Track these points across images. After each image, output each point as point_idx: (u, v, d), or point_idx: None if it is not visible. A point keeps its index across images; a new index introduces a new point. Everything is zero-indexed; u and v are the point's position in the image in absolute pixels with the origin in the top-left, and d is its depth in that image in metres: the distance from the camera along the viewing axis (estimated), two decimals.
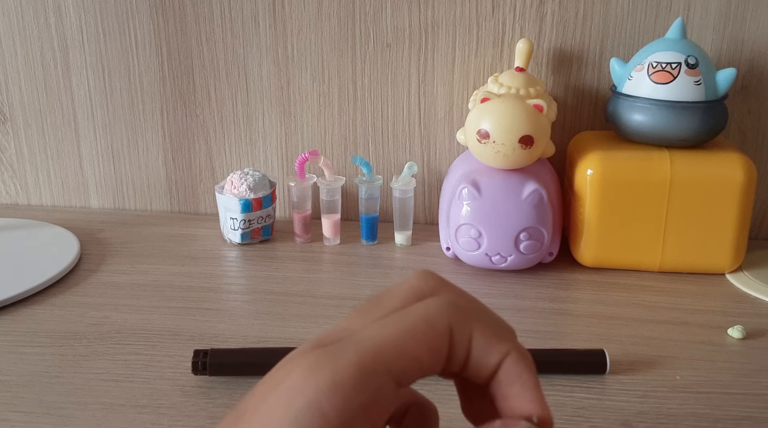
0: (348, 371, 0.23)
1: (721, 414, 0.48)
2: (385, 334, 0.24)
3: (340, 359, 0.23)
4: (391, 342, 0.24)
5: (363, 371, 0.23)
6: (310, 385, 0.23)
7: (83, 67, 0.80)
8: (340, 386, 0.23)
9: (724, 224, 0.65)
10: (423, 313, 0.25)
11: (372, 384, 0.23)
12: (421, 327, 0.25)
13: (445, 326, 0.25)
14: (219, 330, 0.58)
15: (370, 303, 0.27)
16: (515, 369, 0.26)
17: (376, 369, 0.23)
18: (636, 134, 0.67)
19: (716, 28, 0.71)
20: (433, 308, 0.25)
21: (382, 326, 0.25)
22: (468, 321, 0.25)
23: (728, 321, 0.60)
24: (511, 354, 0.26)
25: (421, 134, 0.79)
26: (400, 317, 0.25)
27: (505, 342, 0.26)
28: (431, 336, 0.25)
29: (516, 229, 0.64)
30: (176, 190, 0.84)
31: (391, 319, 0.25)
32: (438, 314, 0.25)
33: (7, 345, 0.56)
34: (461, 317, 0.25)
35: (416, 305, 0.26)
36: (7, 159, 0.85)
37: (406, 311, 0.25)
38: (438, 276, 0.28)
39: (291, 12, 0.76)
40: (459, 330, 0.25)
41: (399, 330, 0.24)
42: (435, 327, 0.25)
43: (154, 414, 0.48)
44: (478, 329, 0.26)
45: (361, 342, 0.24)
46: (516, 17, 0.73)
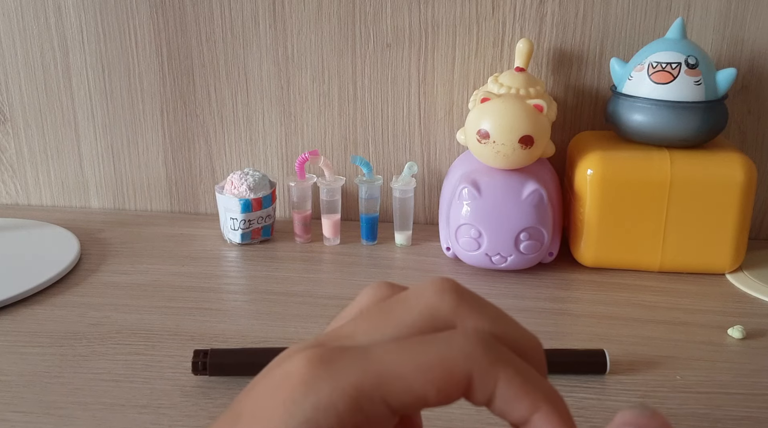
0: (345, 391, 0.22)
1: (721, 414, 0.48)
2: (393, 363, 0.22)
3: (341, 377, 0.22)
4: (397, 374, 0.22)
5: (360, 395, 0.22)
6: (309, 401, 0.22)
7: (83, 67, 0.80)
8: (335, 406, 0.22)
9: (724, 224, 0.65)
10: (445, 351, 0.23)
11: (366, 410, 0.22)
12: (436, 369, 0.22)
13: (463, 372, 0.22)
14: (219, 330, 0.58)
15: (381, 311, 0.25)
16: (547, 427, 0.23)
17: (374, 396, 0.22)
18: (636, 134, 0.67)
19: (716, 28, 0.71)
20: (456, 348, 0.23)
21: (392, 352, 0.23)
22: (492, 369, 0.23)
23: (728, 320, 0.60)
24: (542, 409, 0.23)
25: (421, 134, 0.79)
26: (415, 348, 0.23)
27: (534, 392, 0.23)
28: (445, 379, 0.22)
29: (516, 229, 0.64)
30: (176, 190, 0.84)
31: (404, 347, 0.23)
32: (459, 356, 0.23)
33: (7, 345, 0.56)
34: (486, 364, 0.23)
35: (436, 338, 0.23)
36: (7, 159, 0.85)
37: (423, 342, 0.23)
38: (457, 291, 0.25)
39: (291, 12, 0.76)
40: (481, 377, 0.23)
41: (410, 364, 0.22)
42: (451, 372, 0.22)
43: (154, 414, 0.48)
44: (504, 379, 0.23)
45: (366, 363, 0.23)
46: (516, 17, 0.73)
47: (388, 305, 0.25)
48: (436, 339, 0.23)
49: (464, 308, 0.25)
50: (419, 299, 0.25)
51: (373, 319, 0.25)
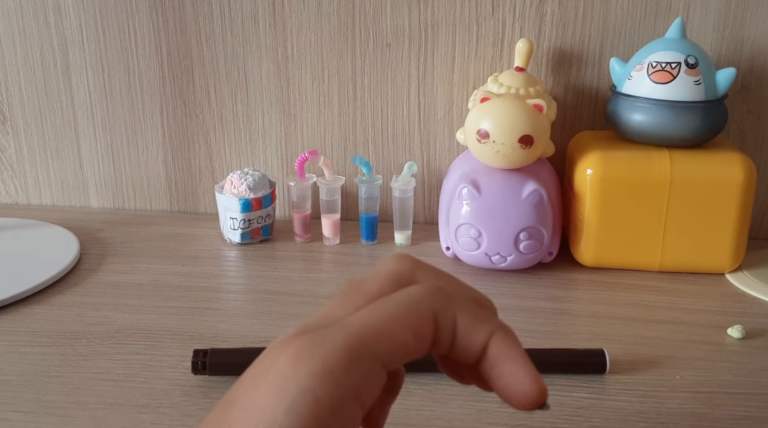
0: (336, 355, 0.23)
1: (721, 414, 0.48)
2: (371, 320, 0.25)
3: (328, 344, 0.24)
4: (377, 328, 0.25)
5: (351, 355, 0.23)
6: (300, 371, 0.23)
7: (83, 67, 0.80)
8: (330, 370, 0.23)
9: (724, 224, 0.65)
10: (407, 299, 0.26)
11: (360, 368, 0.24)
12: (405, 313, 0.25)
13: (429, 311, 0.25)
14: (219, 330, 0.58)
15: (350, 289, 0.27)
16: (503, 347, 0.26)
17: (363, 353, 0.24)
18: (636, 134, 0.67)
19: (716, 28, 0.71)
20: (416, 294, 0.26)
21: (367, 312, 0.25)
22: (451, 305, 0.26)
23: (728, 320, 0.60)
24: (497, 333, 0.26)
25: (421, 133, 0.79)
26: (384, 303, 0.26)
27: (488, 321, 0.26)
28: (416, 321, 0.25)
29: (516, 229, 0.64)
30: (176, 190, 0.84)
31: (376, 305, 0.26)
32: (422, 299, 0.26)
33: (7, 345, 0.56)
34: (445, 301, 0.26)
35: (399, 292, 0.26)
36: (7, 159, 0.85)
37: (390, 297, 0.26)
38: (414, 258, 0.29)
39: (291, 12, 0.76)
40: (443, 314, 0.26)
41: (384, 316, 0.25)
42: (419, 313, 0.25)
43: (154, 414, 0.48)
44: (462, 311, 0.26)
45: (347, 328, 0.24)
46: (516, 17, 0.73)
47: (356, 282, 0.28)
48: (400, 293, 0.26)
49: (422, 270, 0.28)
50: (381, 269, 0.28)
51: (345, 295, 0.27)
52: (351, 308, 0.26)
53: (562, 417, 0.47)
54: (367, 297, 0.27)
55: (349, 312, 0.26)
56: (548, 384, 0.51)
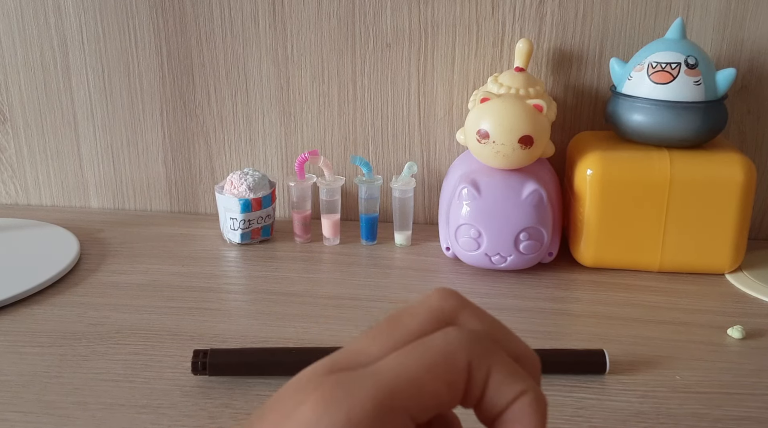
0: (364, 409, 0.22)
1: (721, 414, 0.48)
2: (403, 368, 0.23)
3: (356, 395, 0.22)
4: (410, 378, 0.23)
5: (380, 409, 0.22)
6: (323, 422, 0.22)
7: (83, 68, 0.80)
8: (355, 426, 0.22)
9: (723, 224, 0.65)
10: (443, 345, 0.24)
11: (387, 424, 0.22)
12: (440, 362, 0.23)
13: (464, 360, 0.24)
14: (219, 330, 0.58)
15: (389, 323, 0.26)
16: (525, 410, 0.24)
17: (394, 406, 0.22)
18: (636, 134, 0.67)
19: (716, 29, 0.71)
20: (453, 341, 0.24)
21: (400, 358, 0.24)
22: (488, 356, 0.24)
23: (728, 321, 0.60)
24: (527, 395, 0.24)
25: (421, 134, 0.79)
26: (419, 348, 0.24)
27: (522, 380, 0.24)
28: (450, 371, 0.23)
29: (516, 229, 0.64)
30: (176, 190, 0.84)
31: (410, 350, 0.24)
32: (458, 347, 0.24)
33: (7, 345, 0.56)
34: (481, 351, 0.24)
35: (436, 336, 0.24)
36: (7, 159, 0.85)
37: (425, 342, 0.24)
38: (459, 295, 0.27)
39: (291, 12, 0.76)
40: (477, 365, 0.24)
41: (417, 365, 0.23)
42: (454, 362, 0.24)
43: (154, 414, 0.48)
44: (497, 365, 0.24)
45: (378, 376, 0.23)
46: (516, 17, 0.73)
47: (396, 315, 0.26)
48: (436, 337, 0.24)
49: (467, 311, 0.26)
50: (423, 305, 0.26)
51: (383, 330, 0.25)
52: (386, 346, 0.24)
53: (562, 417, 0.47)
54: (404, 334, 0.25)
55: (383, 351, 0.24)
56: (548, 384, 0.51)
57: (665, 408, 0.48)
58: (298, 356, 0.51)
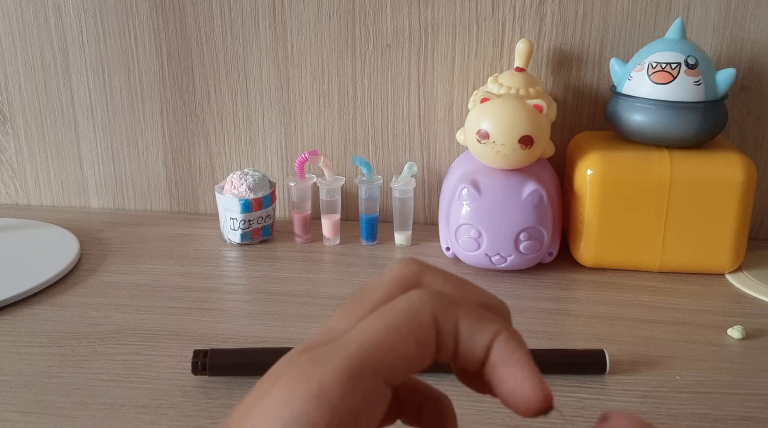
0: (334, 376, 0.22)
1: (721, 414, 0.48)
2: (370, 333, 0.24)
3: (326, 365, 0.23)
4: (377, 341, 0.23)
5: (350, 375, 0.23)
6: (296, 395, 0.22)
7: (83, 68, 0.80)
8: (327, 393, 0.22)
9: (724, 224, 0.65)
10: (406, 306, 0.24)
11: (361, 387, 0.23)
12: (405, 321, 0.24)
13: (429, 316, 0.24)
14: (219, 330, 0.58)
15: (354, 298, 0.26)
16: (506, 349, 0.24)
17: (364, 370, 0.23)
18: (636, 134, 0.67)
19: (716, 29, 0.71)
20: (415, 300, 0.25)
21: (366, 325, 0.24)
22: (452, 308, 0.25)
23: (728, 321, 0.60)
24: (501, 335, 0.25)
25: (421, 134, 0.79)
26: (384, 313, 0.24)
27: (492, 323, 0.25)
28: (416, 328, 0.24)
29: (516, 229, 0.64)
30: (176, 190, 0.84)
31: (375, 316, 0.24)
32: (421, 304, 0.24)
33: (7, 345, 0.56)
34: (445, 305, 0.25)
35: (399, 299, 0.25)
36: (7, 159, 0.85)
37: (389, 306, 0.25)
38: (419, 261, 0.27)
39: (291, 12, 0.76)
40: (443, 318, 0.24)
41: (383, 327, 0.24)
42: (419, 319, 0.24)
43: (154, 414, 0.48)
44: (464, 314, 0.25)
45: (347, 345, 0.23)
46: (516, 17, 0.73)
47: (360, 290, 0.27)
48: (399, 300, 0.25)
49: (428, 274, 0.27)
50: (385, 276, 0.27)
51: (349, 305, 0.26)
52: (355, 318, 0.25)
53: (562, 417, 0.47)
54: (371, 306, 0.25)
55: (352, 324, 0.25)
56: (548, 384, 0.51)
57: (665, 408, 0.48)
58: None
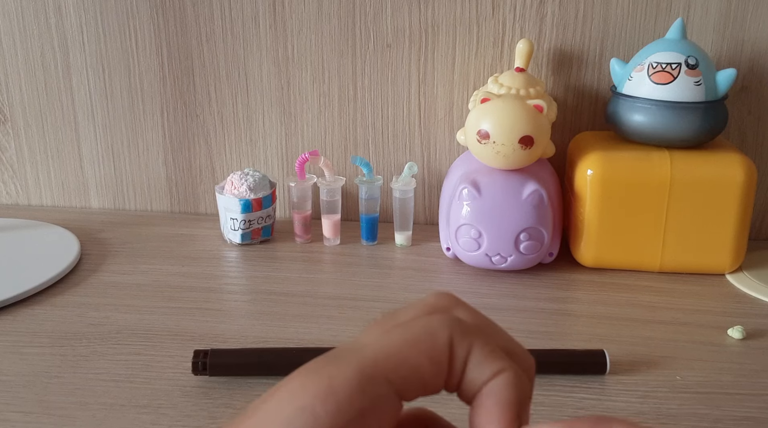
0: (345, 377, 0.23)
1: (721, 415, 0.48)
2: (386, 343, 0.24)
3: (340, 365, 0.23)
4: (392, 351, 0.24)
5: (361, 377, 0.23)
6: (305, 389, 0.23)
7: (83, 68, 0.80)
8: (335, 391, 0.23)
9: (724, 225, 0.65)
10: (425, 324, 0.25)
11: (369, 392, 0.23)
12: (422, 337, 0.25)
13: (446, 337, 0.25)
14: (219, 330, 0.58)
15: (385, 317, 0.27)
16: (500, 385, 0.24)
17: (375, 376, 0.23)
18: (636, 135, 0.67)
19: (716, 29, 0.71)
20: (435, 320, 0.25)
21: (385, 336, 0.25)
22: (469, 336, 0.25)
23: (728, 321, 0.60)
24: (506, 372, 0.25)
25: (421, 134, 0.79)
26: (403, 328, 0.25)
27: (502, 360, 0.25)
28: (432, 346, 0.25)
29: (516, 229, 0.64)
30: (176, 190, 0.84)
31: (395, 330, 0.25)
32: (440, 325, 0.25)
33: (7, 345, 0.56)
34: (462, 331, 0.25)
35: (419, 318, 0.26)
36: (7, 159, 0.85)
37: (410, 322, 0.25)
38: (455, 297, 0.28)
39: (291, 12, 0.76)
40: (458, 342, 0.25)
41: (400, 340, 0.25)
42: (436, 338, 0.25)
43: (154, 414, 0.48)
44: (478, 344, 0.25)
45: (362, 350, 0.24)
46: (516, 17, 0.73)
47: (393, 312, 0.27)
48: (419, 319, 0.26)
49: (459, 307, 0.27)
50: (419, 302, 0.27)
51: (377, 324, 0.27)
52: (377, 334, 0.26)
53: (562, 417, 0.47)
54: (396, 325, 0.26)
55: (375, 338, 0.25)
56: (548, 384, 0.51)
57: (665, 409, 0.48)
58: (298, 356, 0.51)
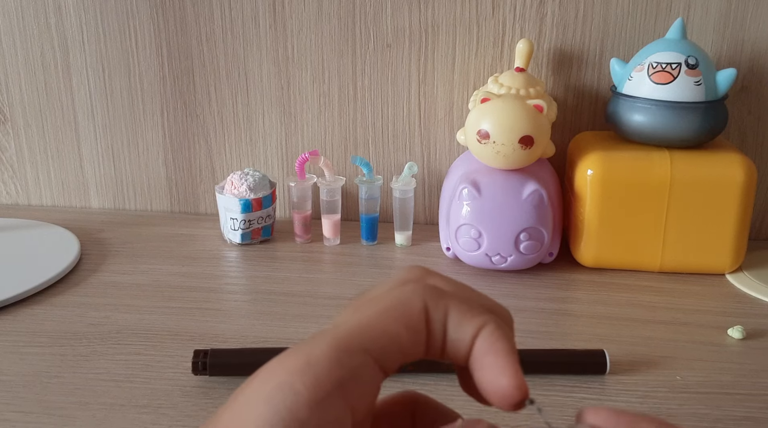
0: (321, 351, 0.23)
1: (721, 415, 0.48)
2: (361, 317, 0.25)
3: (316, 343, 0.24)
4: (366, 323, 0.24)
5: (337, 349, 0.23)
6: (283, 367, 0.23)
7: (83, 68, 0.80)
8: (313, 365, 0.23)
9: (724, 225, 0.65)
10: (397, 294, 0.26)
11: (347, 362, 0.23)
12: (396, 306, 0.25)
13: (419, 304, 0.25)
14: (219, 330, 0.58)
15: (358, 297, 0.27)
16: (489, 339, 0.25)
17: (351, 347, 0.24)
18: (636, 135, 0.67)
19: (716, 29, 0.71)
20: (407, 289, 0.26)
21: (359, 310, 0.25)
22: (443, 298, 0.25)
23: (728, 321, 0.60)
24: (487, 326, 0.25)
25: (421, 134, 0.79)
26: (376, 300, 0.26)
27: (480, 315, 0.25)
28: (406, 313, 0.25)
29: (516, 229, 0.64)
30: (176, 190, 0.84)
31: (368, 303, 0.26)
32: (412, 293, 0.25)
33: (7, 345, 0.56)
34: (436, 295, 0.25)
35: (392, 289, 0.26)
36: (7, 159, 0.85)
37: (382, 294, 0.26)
38: (425, 268, 0.28)
39: (291, 12, 0.76)
40: (434, 306, 0.25)
41: (374, 311, 0.25)
42: (409, 305, 0.25)
43: (154, 414, 0.48)
44: (454, 305, 0.25)
45: (338, 327, 0.25)
46: (516, 17, 0.73)
47: (365, 292, 0.28)
48: (393, 290, 0.26)
49: (430, 276, 0.28)
50: (392, 278, 0.28)
51: (352, 304, 0.27)
52: (353, 312, 0.26)
53: (562, 417, 0.47)
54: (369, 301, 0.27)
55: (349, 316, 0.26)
56: (548, 384, 0.51)
57: (665, 409, 0.48)
58: None
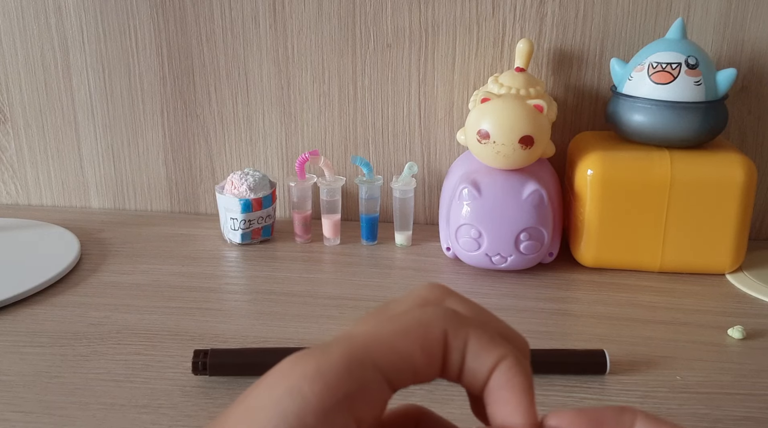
0: (334, 360, 0.23)
1: (721, 415, 0.48)
2: (377, 331, 0.25)
3: (329, 350, 0.24)
4: (382, 339, 0.24)
5: (349, 361, 0.23)
6: (294, 372, 0.23)
7: (83, 68, 0.80)
8: (323, 373, 0.23)
9: (724, 225, 0.65)
10: (418, 315, 0.25)
11: (357, 375, 0.23)
12: (414, 327, 0.25)
13: (439, 329, 0.25)
14: (219, 330, 0.58)
15: (377, 310, 0.27)
16: (507, 374, 0.25)
17: (363, 361, 0.23)
18: (636, 134, 0.67)
19: (716, 29, 0.71)
20: (429, 312, 0.25)
21: (376, 325, 0.25)
22: (464, 326, 0.25)
23: (728, 321, 0.60)
24: (507, 359, 0.25)
25: (421, 134, 0.79)
26: (395, 318, 0.25)
27: (500, 347, 0.25)
28: (424, 336, 0.24)
29: (516, 229, 0.64)
30: (176, 190, 0.84)
31: (387, 320, 0.25)
32: (434, 317, 0.25)
33: (7, 345, 0.56)
34: (457, 322, 0.25)
35: (413, 309, 0.26)
36: (7, 159, 0.85)
37: (402, 313, 0.26)
38: (446, 288, 0.28)
39: (291, 12, 0.76)
40: (454, 333, 0.25)
41: (392, 329, 0.25)
42: (429, 329, 0.25)
43: (154, 414, 0.48)
44: (475, 334, 0.25)
45: (353, 337, 0.24)
46: (516, 17, 0.73)
47: (385, 305, 0.27)
48: (413, 310, 0.26)
49: (451, 298, 0.27)
50: (410, 294, 0.27)
51: (371, 317, 0.27)
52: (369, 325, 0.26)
53: None
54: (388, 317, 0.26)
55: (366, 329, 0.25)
56: (548, 384, 0.51)
57: (665, 409, 0.48)
58: None
